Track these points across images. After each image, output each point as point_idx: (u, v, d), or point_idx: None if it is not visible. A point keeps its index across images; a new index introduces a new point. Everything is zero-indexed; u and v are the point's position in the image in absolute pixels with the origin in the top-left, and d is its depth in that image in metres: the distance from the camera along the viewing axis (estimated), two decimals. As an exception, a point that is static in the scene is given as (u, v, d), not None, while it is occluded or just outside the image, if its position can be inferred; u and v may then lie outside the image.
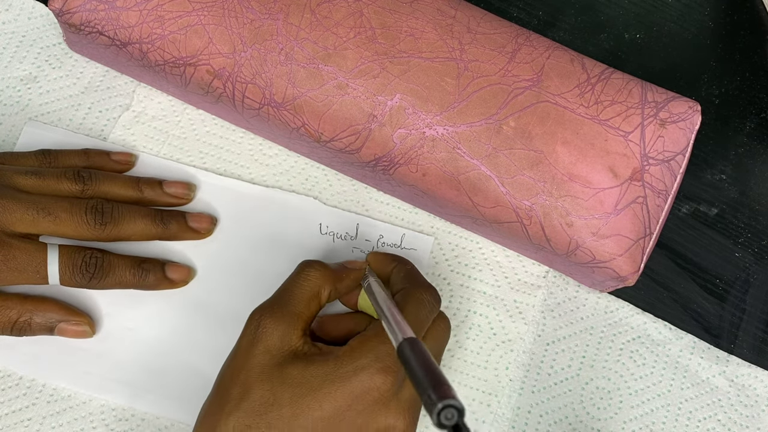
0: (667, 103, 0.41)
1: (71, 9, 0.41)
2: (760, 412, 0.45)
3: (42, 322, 0.40)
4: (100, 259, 0.40)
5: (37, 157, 0.42)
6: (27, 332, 0.40)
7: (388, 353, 0.35)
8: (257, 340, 0.36)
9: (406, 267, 0.41)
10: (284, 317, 0.36)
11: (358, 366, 0.35)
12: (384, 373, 0.35)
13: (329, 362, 0.35)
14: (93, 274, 0.40)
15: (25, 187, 0.40)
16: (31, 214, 0.39)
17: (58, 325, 0.41)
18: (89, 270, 0.40)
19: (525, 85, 0.41)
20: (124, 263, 0.41)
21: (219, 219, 0.44)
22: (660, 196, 0.40)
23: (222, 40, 0.41)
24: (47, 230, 0.40)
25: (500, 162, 0.40)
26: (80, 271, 0.40)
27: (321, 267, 0.39)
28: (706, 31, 0.51)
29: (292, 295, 0.37)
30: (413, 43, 0.41)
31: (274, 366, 0.35)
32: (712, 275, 0.47)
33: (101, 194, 0.42)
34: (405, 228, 0.45)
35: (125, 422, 0.42)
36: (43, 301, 0.41)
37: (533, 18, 0.50)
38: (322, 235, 0.45)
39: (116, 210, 0.41)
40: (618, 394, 0.44)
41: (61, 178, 0.41)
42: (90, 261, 0.40)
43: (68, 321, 0.41)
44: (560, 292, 0.45)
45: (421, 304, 0.37)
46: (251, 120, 0.43)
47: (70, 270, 0.40)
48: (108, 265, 0.40)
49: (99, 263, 0.40)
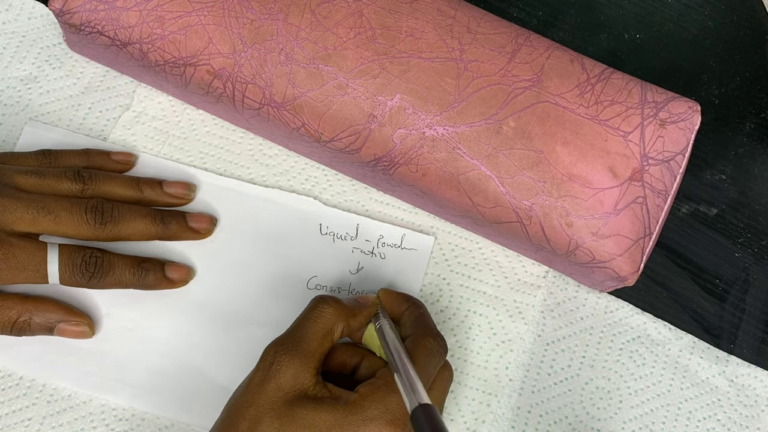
0: (667, 103, 0.41)
1: (71, 9, 0.41)
2: (759, 412, 0.45)
3: (41, 322, 0.40)
4: (100, 259, 0.40)
5: (37, 157, 0.42)
6: (26, 332, 0.40)
7: (398, 405, 0.35)
8: (270, 377, 0.36)
9: (419, 310, 0.40)
10: (298, 355, 0.36)
11: (367, 416, 0.35)
12: (393, 426, 0.35)
13: (339, 409, 0.35)
14: (93, 274, 0.40)
15: (25, 187, 0.40)
16: (31, 213, 0.39)
17: (58, 326, 0.41)
18: (89, 269, 0.40)
19: (525, 85, 0.41)
20: (124, 263, 0.41)
21: (219, 219, 0.44)
22: (660, 196, 0.40)
23: (222, 40, 0.41)
24: (47, 229, 0.40)
25: (500, 162, 0.40)
26: (80, 271, 0.40)
27: (335, 303, 0.39)
28: (706, 31, 0.51)
29: (307, 332, 0.37)
30: (413, 43, 0.41)
31: (285, 404, 0.35)
32: (711, 275, 0.47)
33: (101, 194, 0.42)
34: (405, 228, 0.45)
35: (125, 422, 0.42)
36: (42, 301, 0.41)
37: (533, 18, 0.50)
38: (323, 235, 0.45)
39: (116, 210, 0.41)
40: (618, 394, 0.44)
41: (61, 178, 0.41)
42: (90, 260, 0.40)
43: (68, 321, 0.41)
44: (560, 292, 0.45)
45: (431, 355, 0.37)
46: (251, 120, 0.43)
47: (70, 269, 0.40)
48: (108, 264, 0.40)
49: (99, 263, 0.40)
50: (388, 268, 0.45)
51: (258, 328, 0.43)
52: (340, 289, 0.44)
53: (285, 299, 0.43)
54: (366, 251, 0.45)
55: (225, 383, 0.42)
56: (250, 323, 0.43)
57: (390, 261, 0.45)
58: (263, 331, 0.43)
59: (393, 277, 0.44)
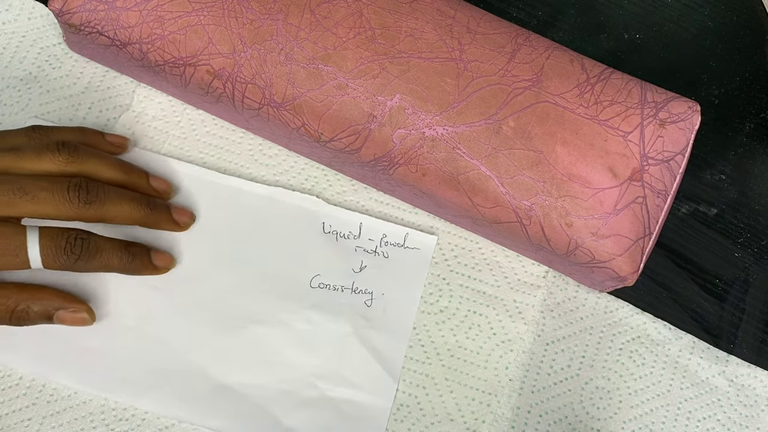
0: (667, 103, 0.41)
1: (71, 9, 0.41)
2: (759, 412, 0.45)
3: (40, 310, 0.39)
4: (86, 241, 0.39)
5: (27, 133, 0.40)
6: (26, 321, 0.39)
7: None
8: None
9: None
10: None
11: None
12: None
13: None
14: (79, 256, 0.38)
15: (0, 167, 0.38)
16: (6, 196, 0.37)
17: (57, 313, 0.40)
18: (75, 251, 0.38)
19: (525, 85, 0.41)
20: (112, 246, 0.40)
21: (222, 217, 0.44)
22: (659, 196, 0.40)
23: (222, 40, 0.41)
24: (26, 211, 0.38)
25: (500, 162, 0.40)
26: (65, 253, 0.38)
27: None
28: (706, 31, 0.51)
29: None
30: (413, 43, 0.41)
31: None
32: (711, 275, 0.47)
33: (86, 172, 0.40)
34: (408, 227, 0.45)
35: (125, 422, 0.42)
36: (40, 289, 0.40)
37: (533, 18, 0.50)
38: (325, 233, 0.45)
39: (102, 190, 0.39)
40: (618, 394, 0.44)
41: (42, 152, 0.39)
42: (75, 242, 0.38)
43: (66, 309, 0.40)
44: (560, 292, 0.45)
45: None
46: (251, 120, 0.43)
47: (53, 251, 0.38)
48: (95, 247, 0.39)
49: (85, 245, 0.39)
50: (391, 266, 0.45)
51: (260, 326, 0.43)
52: (343, 287, 0.44)
53: (287, 298, 0.43)
54: (369, 250, 0.45)
55: (227, 382, 0.42)
56: (252, 322, 0.43)
57: (393, 260, 0.45)
58: (265, 329, 0.43)
59: (396, 275, 0.44)
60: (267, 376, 0.42)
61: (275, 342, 0.43)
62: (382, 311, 0.44)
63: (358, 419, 0.42)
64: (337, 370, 0.43)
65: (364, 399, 0.43)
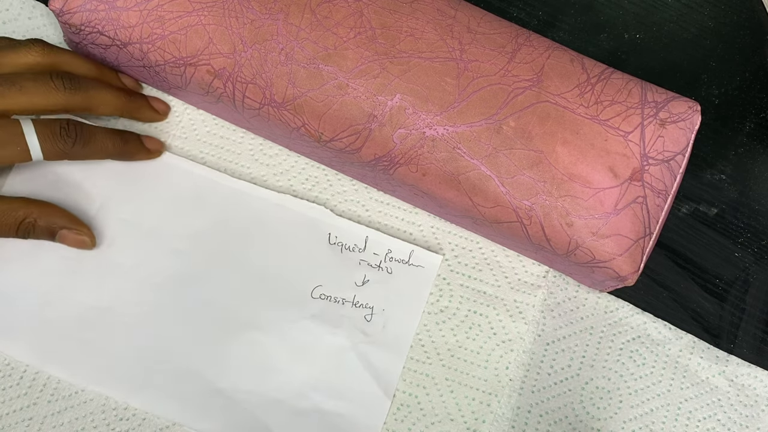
0: (667, 103, 0.41)
1: (71, 9, 0.41)
2: (759, 412, 0.45)
3: (45, 225, 0.41)
4: (79, 126, 0.40)
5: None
6: (31, 234, 0.41)
7: None
8: None
9: None
10: None
11: None
12: None
13: None
14: (75, 140, 0.40)
15: None
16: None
17: (60, 232, 0.41)
18: (70, 135, 0.40)
19: (525, 85, 0.41)
20: (104, 131, 0.42)
21: (227, 221, 0.44)
22: (660, 196, 0.40)
23: (222, 40, 0.41)
24: (15, 102, 0.39)
25: (500, 162, 0.40)
26: (61, 138, 0.39)
27: None
28: (706, 31, 0.51)
29: None
30: (413, 43, 0.41)
31: None
32: (711, 275, 0.47)
33: (60, 64, 0.41)
34: (414, 245, 0.45)
35: (126, 422, 0.42)
36: (48, 205, 0.41)
37: (533, 18, 0.50)
38: (331, 244, 0.45)
39: (83, 80, 0.41)
40: (618, 394, 0.44)
41: (16, 46, 0.40)
42: (69, 127, 0.40)
43: (70, 228, 0.41)
44: (560, 292, 0.45)
45: None
46: (251, 120, 0.43)
47: (51, 138, 0.39)
48: (89, 132, 0.41)
49: (79, 129, 0.40)
50: (394, 283, 0.44)
51: (259, 333, 0.43)
52: (344, 300, 0.44)
53: (287, 306, 0.43)
54: (373, 264, 0.45)
55: (224, 387, 0.42)
56: (252, 328, 0.43)
57: (396, 276, 0.44)
58: (264, 336, 0.43)
59: (398, 292, 0.44)
60: (261, 383, 0.42)
61: (272, 349, 0.43)
62: (382, 327, 0.44)
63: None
64: (331, 382, 0.43)
65: (356, 414, 0.42)
